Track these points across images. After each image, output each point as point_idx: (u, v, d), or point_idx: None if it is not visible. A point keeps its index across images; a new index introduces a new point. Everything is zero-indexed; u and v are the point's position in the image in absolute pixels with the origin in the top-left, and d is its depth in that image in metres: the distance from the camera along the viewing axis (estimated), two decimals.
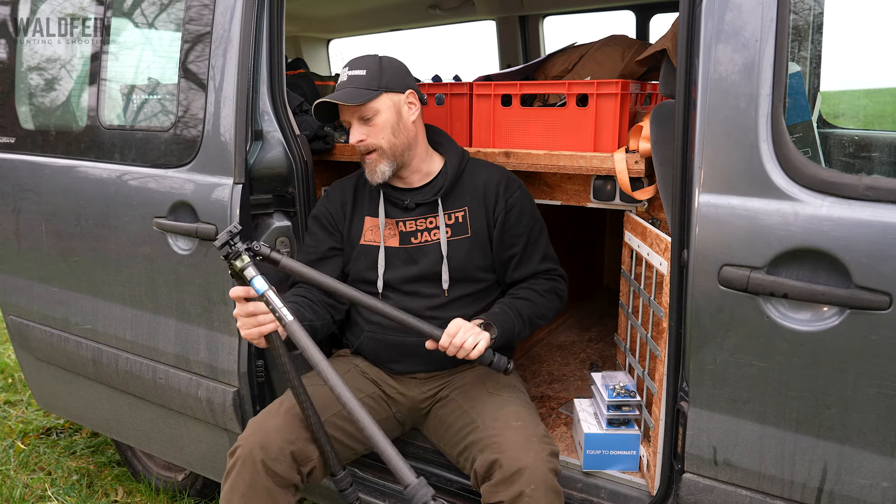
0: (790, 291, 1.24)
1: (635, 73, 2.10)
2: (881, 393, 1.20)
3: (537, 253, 1.82)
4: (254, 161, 1.86)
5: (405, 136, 1.74)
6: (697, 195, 1.32)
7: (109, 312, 2.25)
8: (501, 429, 1.56)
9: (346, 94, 1.69)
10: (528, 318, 1.74)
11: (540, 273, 1.83)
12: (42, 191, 2.36)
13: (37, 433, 3.11)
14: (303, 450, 1.58)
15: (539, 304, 1.78)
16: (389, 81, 1.72)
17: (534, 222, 1.82)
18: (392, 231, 1.79)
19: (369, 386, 1.80)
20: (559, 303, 1.84)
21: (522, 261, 1.81)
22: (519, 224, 1.79)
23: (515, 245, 1.80)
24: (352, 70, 1.73)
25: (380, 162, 1.73)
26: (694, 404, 1.41)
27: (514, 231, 1.79)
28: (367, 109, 1.70)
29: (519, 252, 1.80)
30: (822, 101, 1.72)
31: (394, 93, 1.72)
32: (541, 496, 1.42)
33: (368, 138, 1.71)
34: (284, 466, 1.54)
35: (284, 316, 1.49)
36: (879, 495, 1.24)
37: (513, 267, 1.82)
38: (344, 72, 1.75)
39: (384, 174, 1.74)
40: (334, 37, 4.42)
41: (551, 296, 1.81)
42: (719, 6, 1.28)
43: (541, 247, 1.84)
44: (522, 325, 1.72)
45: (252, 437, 1.57)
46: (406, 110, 1.74)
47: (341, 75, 1.76)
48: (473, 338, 1.58)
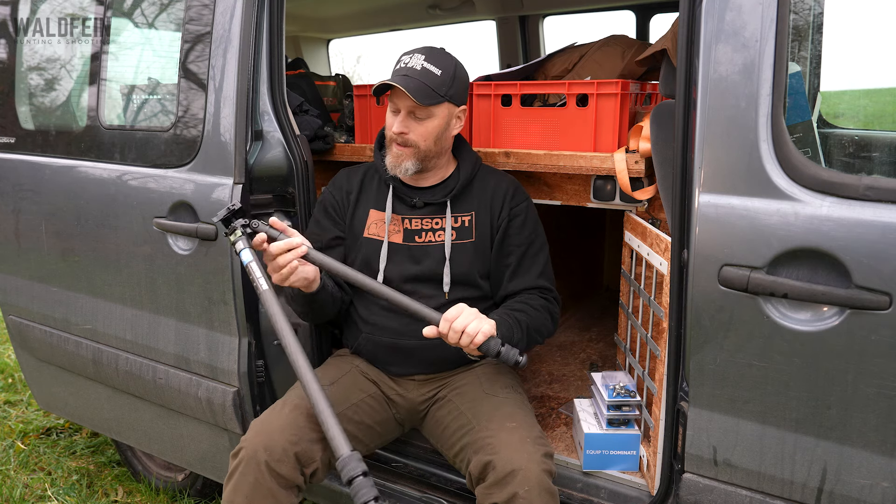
0: (790, 291, 1.24)
1: (635, 73, 2.10)
2: (881, 393, 1.20)
3: (535, 268, 1.80)
4: (254, 161, 1.86)
5: (441, 145, 1.75)
6: (697, 195, 1.32)
7: (109, 312, 2.25)
8: (496, 430, 1.55)
9: (417, 88, 1.64)
10: (525, 329, 1.67)
11: (535, 289, 1.79)
12: (42, 191, 2.36)
13: (37, 433, 3.11)
14: (307, 451, 1.57)
15: (534, 318, 1.72)
16: (456, 92, 1.71)
17: (535, 236, 1.81)
18: (397, 227, 1.79)
19: (370, 386, 1.80)
20: (551, 325, 1.77)
21: (518, 272, 1.79)
22: (520, 234, 1.79)
23: (513, 254, 1.78)
24: (428, 62, 1.68)
25: (409, 158, 1.72)
26: (694, 404, 1.41)
27: (513, 240, 1.79)
28: (425, 110, 1.68)
29: (514, 262, 1.78)
30: (822, 101, 1.72)
31: (453, 104, 1.72)
32: (535, 497, 1.42)
33: (411, 134, 1.70)
34: (288, 468, 1.54)
35: (260, 285, 1.54)
36: (879, 495, 1.24)
37: (507, 277, 1.79)
38: (418, 58, 1.68)
39: (407, 170, 1.73)
40: (334, 37, 4.42)
41: (545, 314, 1.75)
42: (719, 6, 1.28)
43: (539, 262, 1.81)
44: (521, 334, 1.66)
45: (256, 439, 1.57)
46: (454, 123, 1.75)
47: (414, 58, 1.69)
48: (476, 323, 1.51)
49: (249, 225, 1.59)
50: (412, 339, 1.76)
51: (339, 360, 1.90)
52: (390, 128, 1.71)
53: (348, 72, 9.37)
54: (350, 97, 2.43)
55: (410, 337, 1.76)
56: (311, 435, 1.59)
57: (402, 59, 1.71)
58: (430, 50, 1.71)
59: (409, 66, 1.68)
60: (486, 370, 1.80)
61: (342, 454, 1.34)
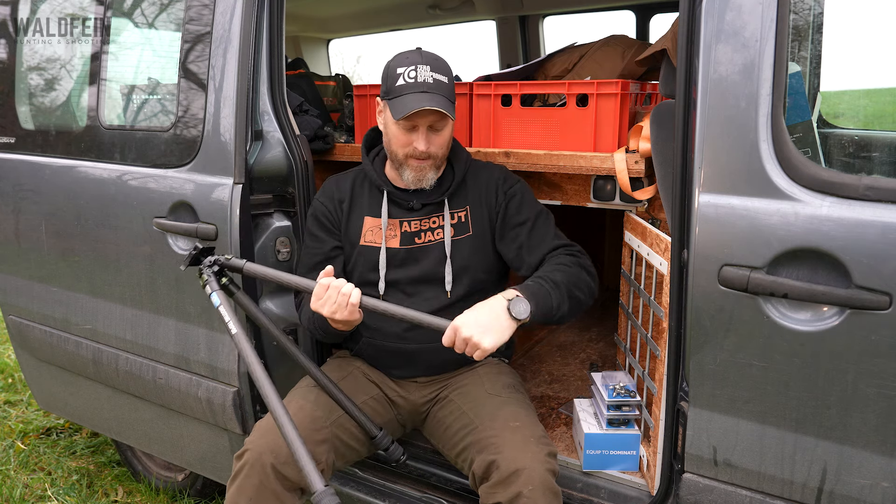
0: (790, 291, 1.24)
1: (635, 73, 2.10)
2: (881, 393, 1.20)
3: (548, 234, 1.75)
4: (254, 161, 1.86)
5: (449, 147, 1.76)
6: (697, 195, 1.32)
7: (109, 312, 2.25)
8: (499, 429, 1.55)
9: (442, 104, 1.62)
10: (565, 287, 1.58)
11: (555, 249, 1.73)
12: (42, 191, 2.36)
13: (37, 433, 3.11)
14: (312, 453, 1.56)
15: (570, 274, 1.63)
16: (454, 95, 1.72)
17: (537, 212, 1.77)
18: (393, 232, 1.78)
19: (372, 388, 1.80)
20: (589, 278, 1.68)
21: (533, 245, 1.74)
22: (521, 212, 1.76)
23: (521, 233, 1.75)
24: (435, 73, 1.66)
25: (431, 169, 1.72)
26: (694, 404, 1.41)
27: (516, 219, 1.76)
28: (444, 121, 1.68)
29: (525, 238, 1.74)
30: (822, 101, 1.72)
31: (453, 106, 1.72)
32: (539, 497, 1.42)
33: (431, 147, 1.68)
34: (294, 470, 1.53)
35: (231, 328, 1.53)
36: (879, 495, 1.24)
37: (526, 253, 1.74)
38: (424, 70, 1.65)
39: (430, 181, 1.73)
40: (334, 37, 4.42)
41: (576, 268, 1.66)
42: (719, 6, 1.28)
43: (550, 228, 1.77)
44: (560, 296, 1.57)
45: (261, 441, 1.56)
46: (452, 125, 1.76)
47: (421, 71, 1.64)
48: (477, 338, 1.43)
49: (217, 262, 1.60)
50: (413, 343, 1.76)
51: (340, 360, 1.89)
52: (406, 145, 1.68)
53: (348, 72, 9.37)
54: (350, 97, 2.43)
55: (412, 341, 1.76)
56: (315, 437, 1.59)
57: (408, 74, 1.65)
58: (428, 58, 1.68)
59: (422, 80, 1.64)
60: (488, 370, 1.80)
61: (317, 489, 1.34)
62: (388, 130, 1.72)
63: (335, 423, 1.66)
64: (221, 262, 1.61)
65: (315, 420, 1.62)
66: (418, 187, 1.75)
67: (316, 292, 1.52)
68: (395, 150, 1.71)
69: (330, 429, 1.64)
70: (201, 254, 1.62)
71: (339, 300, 1.50)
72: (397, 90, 1.65)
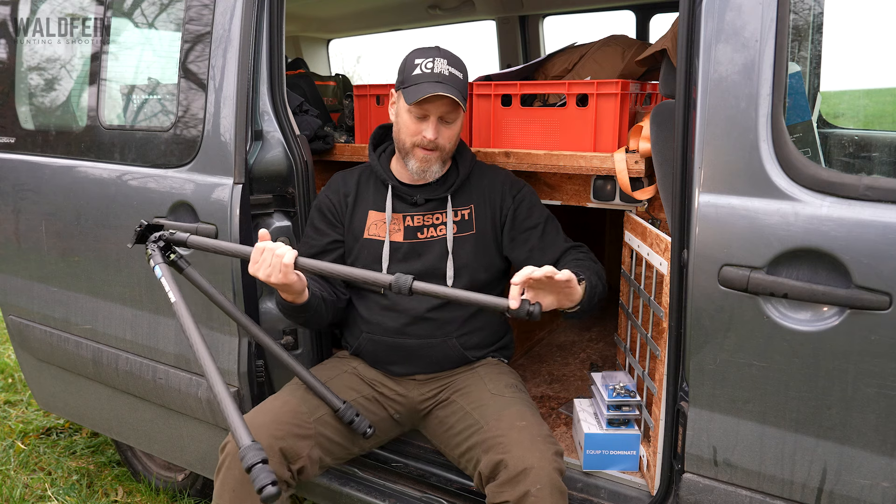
0: (790, 291, 1.24)
1: (635, 73, 2.10)
2: (881, 393, 1.20)
3: (558, 239, 1.80)
4: (254, 161, 1.86)
5: (456, 143, 1.79)
6: (697, 195, 1.32)
7: (109, 312, 2.25)
8: (506, 429, 1.56)
9: (456, 94, 1.67)
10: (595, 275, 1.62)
11: (566, 251, 1.78)
12: (42, 191, 2.36)
13: (37, 433, 3.11)
14: (292, 447, 1.58)
15: (590, 268, 1.66)
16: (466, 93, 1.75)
17: (546, 217, 1.82)
18: (397, 226, 1.80)
19: (364, 387, 1.81)
20: (601, 269, 1.71)
21: (544, 248, 1.78)
22: (530, 217, 1.80)
23: (531, 238, 1.79)
24: (451, 67, 1.70)
25: (437, 161, 1.74)
26: (694, 404, 1.41)
27: (526, 224, 1.80)
28: (456, 114, 1.72)
29: (536, 242, 1.78)
30: (822, 101, 1.72)
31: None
32: (546, 496, 1.42)
33: (440, 138, 1.71)
34: (274, 463, 1.55)
35: (171, 297, 1.57)
36: (879, 495, 1.24)
37: (537, 257, 1.76)
38: (442, 63, 1.70)
39: (435, 173, 1.76)
40: (334, 37, 4.41)
41: (589, 262, 1.71)
42: (719, 6, 1.28)
43: (559, 234, 1.82)
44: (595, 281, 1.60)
45: None
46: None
47: (438, 63, 1.70)
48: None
49: (162, 237, 1.64)
50: (413, 337, 1.76)
51: (337, 360, 1.90)
52: (415, 133, 1.71)
53: (348, 72, 9.36)
54: (350, 97, 2.43)
55: (411, 336, 1.77)
56: (297, 431, 1.61)
57: (425, 65, 1.70)
58: (446, 53, 1.73)
59: (438, 71, 1.69)
60: (488, 371, 1.80)
61: (243, 444, 1.33)
62: (399, 119, 1.75)
63: (319, 420, 1.66)
64: (166, 237, 1.64)
65: (298, 415, 1.64)
66: (422, 180, 1.76)
67: (252, 256, 1.53)
68: (404, 139, 1.74)
69: (314, 425, 1.65)
70: (147, 230, 1.66)
71: (273, 262, 1.49)
72: (413, 79, 1.69)
